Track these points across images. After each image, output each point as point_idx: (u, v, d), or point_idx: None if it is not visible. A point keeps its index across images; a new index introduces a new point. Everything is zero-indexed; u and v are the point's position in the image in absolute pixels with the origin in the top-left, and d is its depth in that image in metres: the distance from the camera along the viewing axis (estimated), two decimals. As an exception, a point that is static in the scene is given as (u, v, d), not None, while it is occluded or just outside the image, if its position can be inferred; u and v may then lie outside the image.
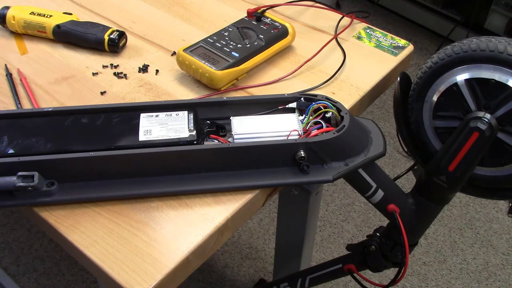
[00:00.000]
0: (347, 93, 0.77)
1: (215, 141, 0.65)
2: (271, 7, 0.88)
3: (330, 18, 0.94)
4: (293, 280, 0.97)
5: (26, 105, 0.73)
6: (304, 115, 0.67)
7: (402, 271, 0.72)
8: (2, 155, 0.59)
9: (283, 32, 0.82)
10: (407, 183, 1.69)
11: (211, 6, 0.97)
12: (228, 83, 0.76)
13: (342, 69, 0.82)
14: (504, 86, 0.59)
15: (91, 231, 0.57)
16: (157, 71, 0.81)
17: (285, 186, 0.83)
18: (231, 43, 0.79)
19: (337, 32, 0.89)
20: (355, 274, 0.85)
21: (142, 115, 0.65)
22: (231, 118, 0.66)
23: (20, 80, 0.77)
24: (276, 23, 0.83)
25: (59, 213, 0.59)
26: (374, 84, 0.80)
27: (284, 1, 0.96)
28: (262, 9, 0.86)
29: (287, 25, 0.83)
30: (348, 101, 0.76)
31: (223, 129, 0.67)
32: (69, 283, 1.43)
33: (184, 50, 0.77)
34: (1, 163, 0.58)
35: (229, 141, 0.64)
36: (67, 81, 0.78)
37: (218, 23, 0.91)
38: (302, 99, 0.69)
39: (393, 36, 0.90)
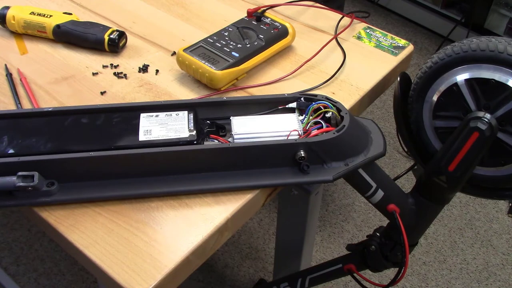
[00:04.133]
0: (347, 93, 0.77)
1: (215, 141, 0.65)
2: (271, 7, 0.88)
3: (330, 18, 0.94)
4: (293, 280, 0.97)
5: (26, 105, 0.73)
6: (304, 115, 0.67)
7: (402, 271, 0.72)
8: (2, 155, 0.59)
9: (283, 32, 0.82)
10: (407, 183, 1.69)
11: (211, 6, 0.97)
12: (228, 83, 0.76)
13: (342, 69, 0.82)
14: (504, 86, 0.59)
15: (91, 231, 0.57)
16: (157, 71, 0.81)
17: (285, 186, 0.83)
18: (231, 43, 0.79)
19: (337, 32, 0.89)
20: (355, 274, 0.85)
21: (142, 115, 0.65)
22: (231, 118, 0.66)
23: (20, 80, 0.77)
24: (276, 23, 0.83)
25: (59, 213, 0.59)
26: (374, 84, 0.80)
27: (284, 1, 0.96)
28: (262, 9, 0.86)
29: (287, 25, 0.83)
30: (348, 101, 0.76)
31: (223, 129, 0.67)
32: (69, 283, 1.43)
33: (184, 50, 0.77)
34: (1, 163, 0.58)
35: (229, 141, 0.64)
36: (67, 81, 0.78)
37: (218, 23, 0.91)
38: (302, 99, 0.69)
39: (393, 36, 0.90)
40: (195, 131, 0.62)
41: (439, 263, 1.53)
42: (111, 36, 0.82)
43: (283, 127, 0.64)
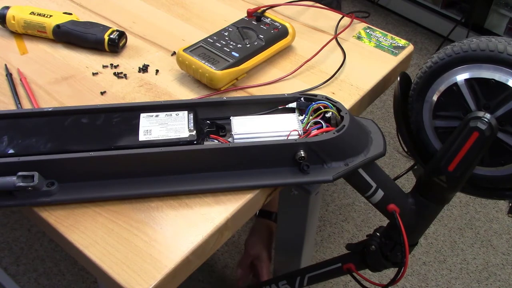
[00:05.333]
0: (347, 93, 0.78)
1: (215, 141, 0.65)
2: (271, 7, 0.88)
3: (330, 18, 0.94)
4: (292, 278, 0.97)
5: (26, 105, 0.73)
6: (304, 115, 0.67)
7: (401, 271, 0.72)
8: (2, 155, 0.59)
9: (283, 32, 0.82)
10: (407, 183, 1.69)
11: (211, 6, 0.97)
12: (228, 83, 0.76)
13: (342, 69, 0.82)
14: (504, 86, 0.58)
15: (91, 231, 0.57)
16: (157, 71, 0.81)
17: (285, 186, 0.83)
18: (231, 43, 0.79)
19: (337, 32, 0.89)
20: (354, 274, 0.85)
21: (142, 115, 0.65)
22: (231, 118, 0.66)
23: (20, 80, 0.77)
24: (276, 23, 0.83)
25: (59, 213, 0.59)
26: (374, 84, 0.80)
27: (284, 1, 0.96)
28: (262, 9, 0.86)
29: (287, 25, 0.83)
30: (348, 101, 0.76)
31: (223, 129, 0.67)
32: (69, 283, 1.43)
33: (184, 50, 0.77)
34: (1, 163, 0.58)
35: (229, 141, 0.64)
36: (67, 81, 0.78)
37: (218, 23, 0.91)
38: (302, 99, 0.69)
39: (393, 36, 0.90)
40: (195, 131, 0.62)
41: (439, 263, 1.53)
42: (111, 36, 0.82)
43: (283, 127, 0.64)
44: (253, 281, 1.29)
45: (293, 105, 0.69)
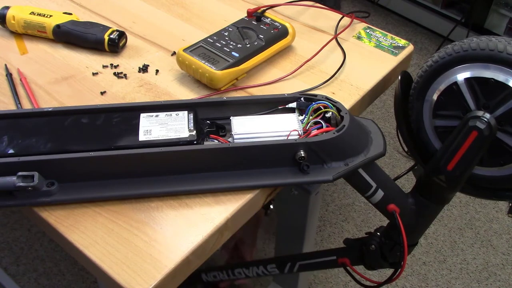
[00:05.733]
0: (347, 93, 0.78)
1: (215, 141, 0.65)
2: (271, 7, 0.89)
3: (330, 18, 0.94)
4: (282, 263, 0.95)
5: (26, 105, 0.73)
6: (304, 115, 0.67)
7: (398, 272, 0.72)
8: (2, 155, 0.59)
9: (283, 32, 0.82)
10: (407, 183, 1.69)
11: (211, 6, 0.97)
12: (228, 83, 0.76)
13: (342, 69, 0.82)
14: (504, 85, 0.59)
15: (91, 231, 0.57)
16: (157, 71, 0.81)
17: (285, 186, 0.83)
18: (231, 43, 0.79)
19: (337, 32, 0.89)
20: (348, 268, 0.84)
21: (142, 115, 0.65)
22: (231, 118, 0.66)
23: (20, 80, 0.77)
24: (276, 23, 0.83)
25: (59, 213, 0.59)
26: (374, 84, 0.80)
27: (284, 1, 0.96)
28: (262, 9, 0.86)
29: (287, 25, 0.83)
30: (348, 101, 0.76)
31: (223, 129, 0.67)
32: (69, 283, 1.43)
33: (184, 50, 0.77)
34: (1, 163, 0.58)
35: (229, 141, 0.64)
36: (67, 81, 0.78)
37: (218, 23, 0.91)
38: (302, 99, 0.69)
39: (393, 36, 0.90)
40: (195, 131, 0.62)
41: (439, 263, 1.53)
42: (111, 36, 0.82)
43: (283, 127, 0.64)
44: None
45: (293, 105, 0.69)
